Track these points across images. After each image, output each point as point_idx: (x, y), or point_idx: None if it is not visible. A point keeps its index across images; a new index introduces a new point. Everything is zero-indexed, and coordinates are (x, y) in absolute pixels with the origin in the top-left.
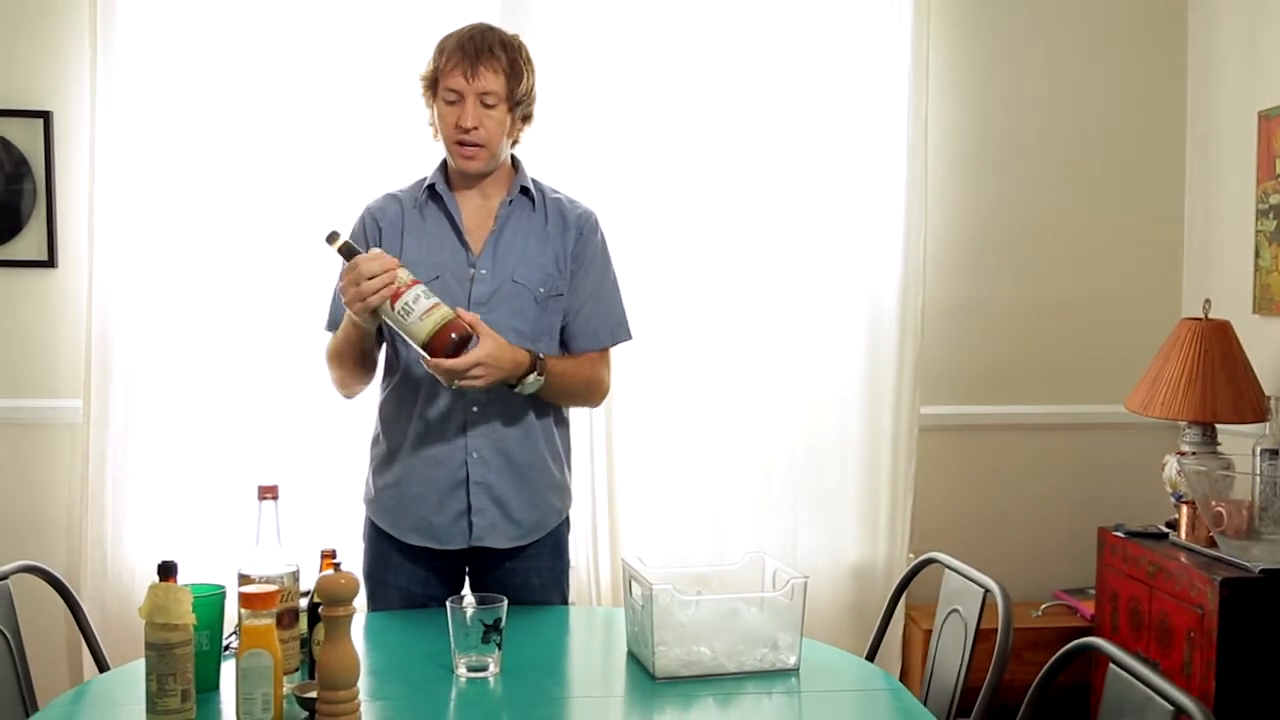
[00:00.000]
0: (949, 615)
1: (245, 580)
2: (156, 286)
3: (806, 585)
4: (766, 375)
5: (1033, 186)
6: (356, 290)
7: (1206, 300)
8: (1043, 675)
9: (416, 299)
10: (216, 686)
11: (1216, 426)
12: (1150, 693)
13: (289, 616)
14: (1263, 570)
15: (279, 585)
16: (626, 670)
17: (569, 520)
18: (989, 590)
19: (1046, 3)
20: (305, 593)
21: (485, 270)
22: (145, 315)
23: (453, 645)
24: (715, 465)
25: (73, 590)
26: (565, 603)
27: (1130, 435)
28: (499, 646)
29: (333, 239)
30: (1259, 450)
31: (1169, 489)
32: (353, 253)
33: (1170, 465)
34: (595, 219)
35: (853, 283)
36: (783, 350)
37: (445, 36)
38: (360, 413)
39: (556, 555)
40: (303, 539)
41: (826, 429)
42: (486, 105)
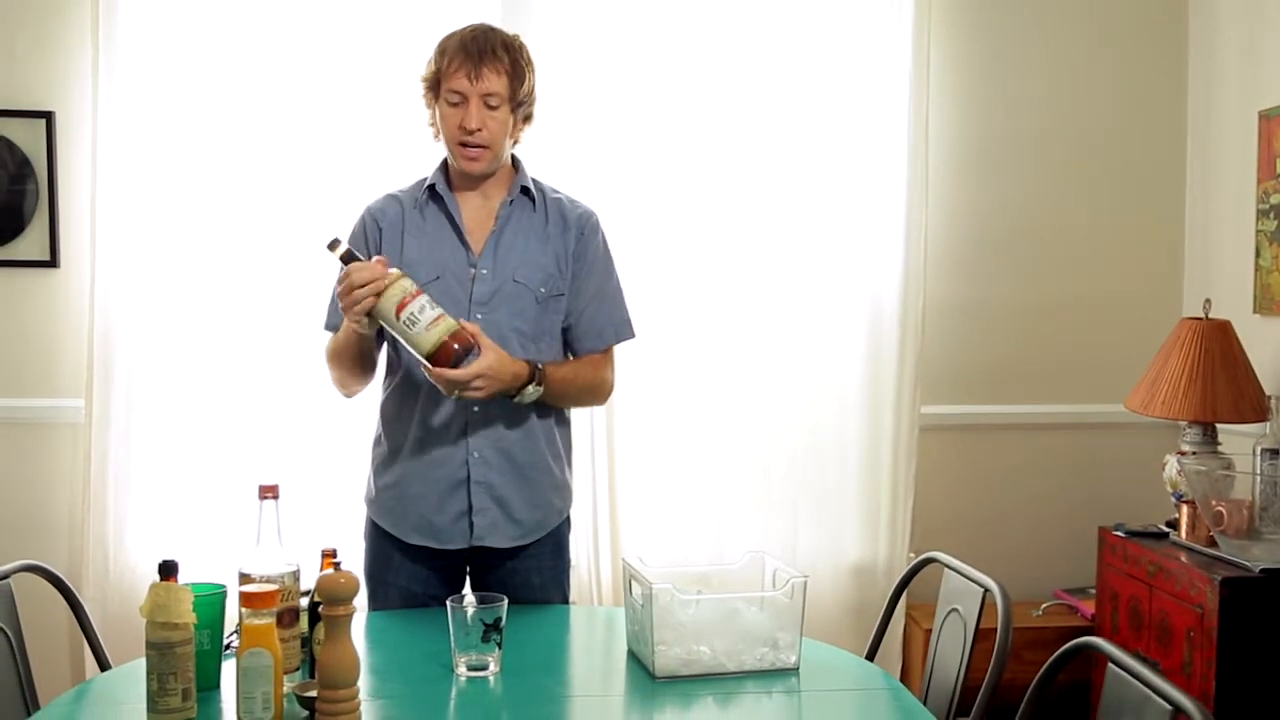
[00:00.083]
0: (949, 615)
1: (246, 579)
2: (158, 286)
3: (806, 585)
4: (767, 375)
5: (1033, 186)
6: (349, 298)
7: (1207, 300)
8: (1042, 675)
9: (422, 309)
10: (217, 685)
11: (1217, 426)
12: (1149, 692)
13: (289, 616)
14: (1263, 570)
15: (279, 584)
16: (626, 669)
17: (570, 520)
18: (988, 590)
19: (1047, 3)
20: (306, 592)
21: (486, 270)
22: (147, 315)
23: (453, 644)
24: (716, 465)
25: (75, 589)
26: (566, 602)
27: (1131, 435)
28: (499, 646)
29: (334, 246)
30: (1259, 450)
31: (1169, 488)
32: (353, 259)
33: (1170, 465)
34: (596, 219)
35: (853, 282)
36: (783, 350)
37: (446, 37)
38: (361, 413)
39: (557, 555)
40: (303, 538)
41: (827, 428)
42: (490, 106)
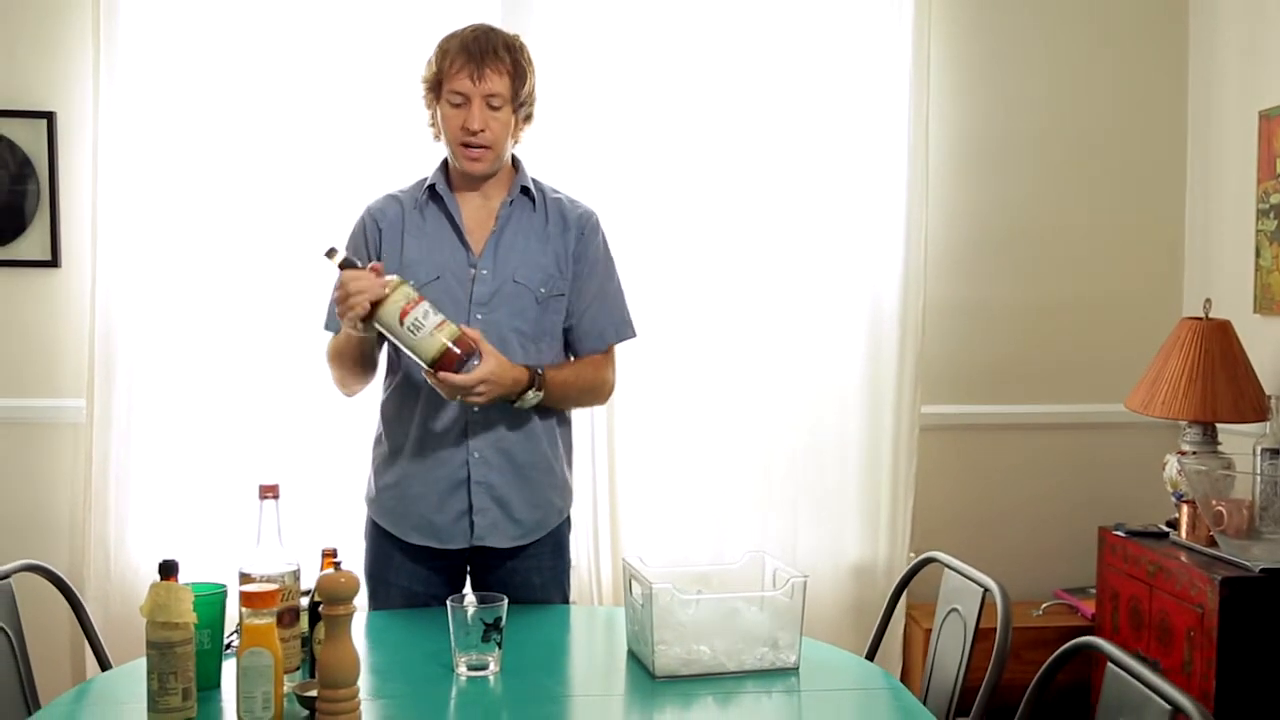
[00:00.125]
0: (948, 614)
1: (246, 579)
2: (159, 286)
3: (806, 584)
4: (767, 374)
5: (1034, 186)
6: (345, 305)
7: (1207, 300)
8: (1041, 674)
9: (425, 315)
10: (217, 685)
11: (1217, 426)
12: (1148, 692)
13: (290, 615)
14: (1263, 569)
15: (280, 584)
16: (626, 669)
17: (570, 519)
18: (988, 589)
19: (1047, 3)
20: (306, 592)
21: (486, 270)
22: (148, 315)
23: (453, 644)
24: (716, 464)
25: (76, 589)
26: (566, 602)
27: (1131, 435)
28: (499, 645)
29: (331, 254)
30: (1259, 450)
31: (1169, 488)
32: (351, 267)
33: (1171, 464)
34: (596, 219)
35: (854, 282)
36: (783, 350)
37: (447, 38)
38: (361, 412)
39: (557, 554)
40: (303, 538)
41: (827, 428)
42: (492, 107)
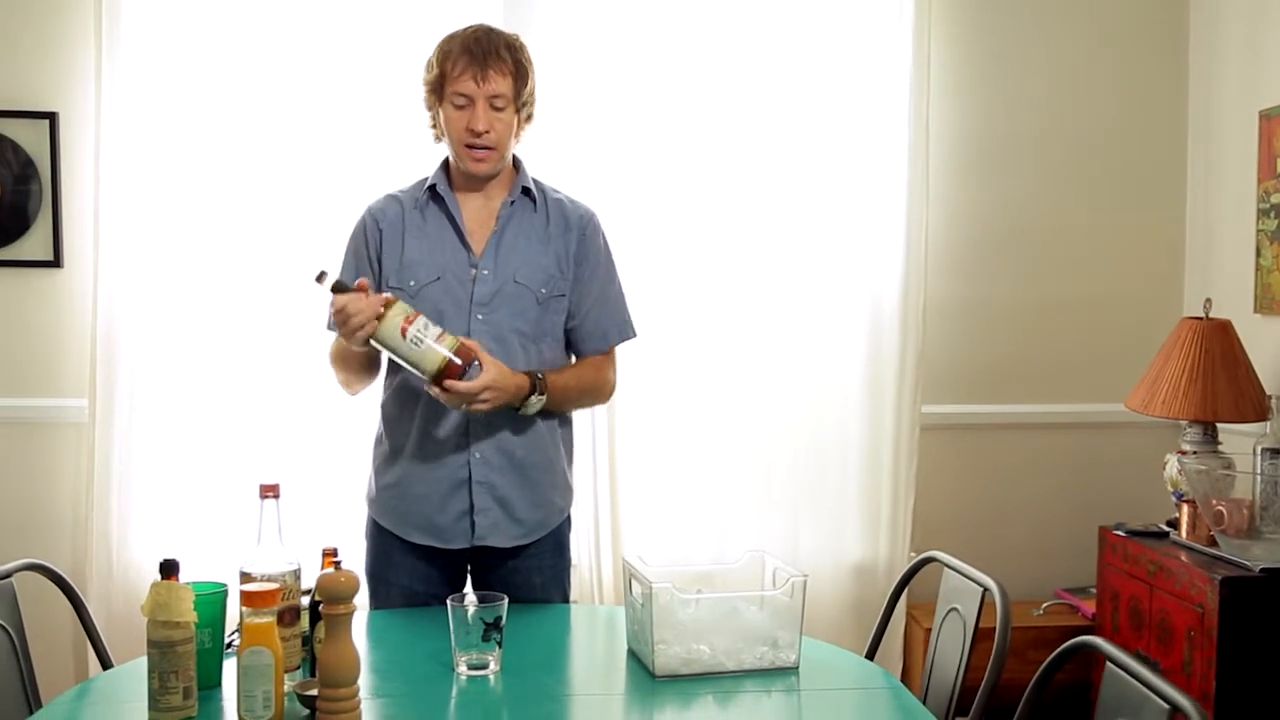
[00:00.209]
0: (948, 614)
1: (247, 578)
2: (161, 286)
3: (806, 584)
4: (768, 374)
5: (1034, 186)
6: (347, 328)
7: (1207, 299)
8: (1040, 674)
9: (425, 328)
10: (218, 684)
11: (1217, 425)
12: (1147, 692)
13: (290, 614)
14: (1263, 569)
15: (280, 583)
16: (627, 668)
17: (570, 519)
18: (987, 589)
19: (1047, 3)
20: (306, 591)
21: (487, 271)
22: (150, 315)
23: (453, 643)
24: (717, 464)
25: (79, 588)
26: (566, 601)
27: (1131, 434)
28: (499, 645)
29: (321, 278)
30: (1260, 449)
31: (1170, 488)
32: (343, 290)
33: (1171, 464)
34: (597, 220)
35: (854, 282)
36: (784, 349)
37: (447, 39)
38: (361, 412)
39: (558, 554)
40: (304, 537)
41: (828, 428)
42: (496, 108)
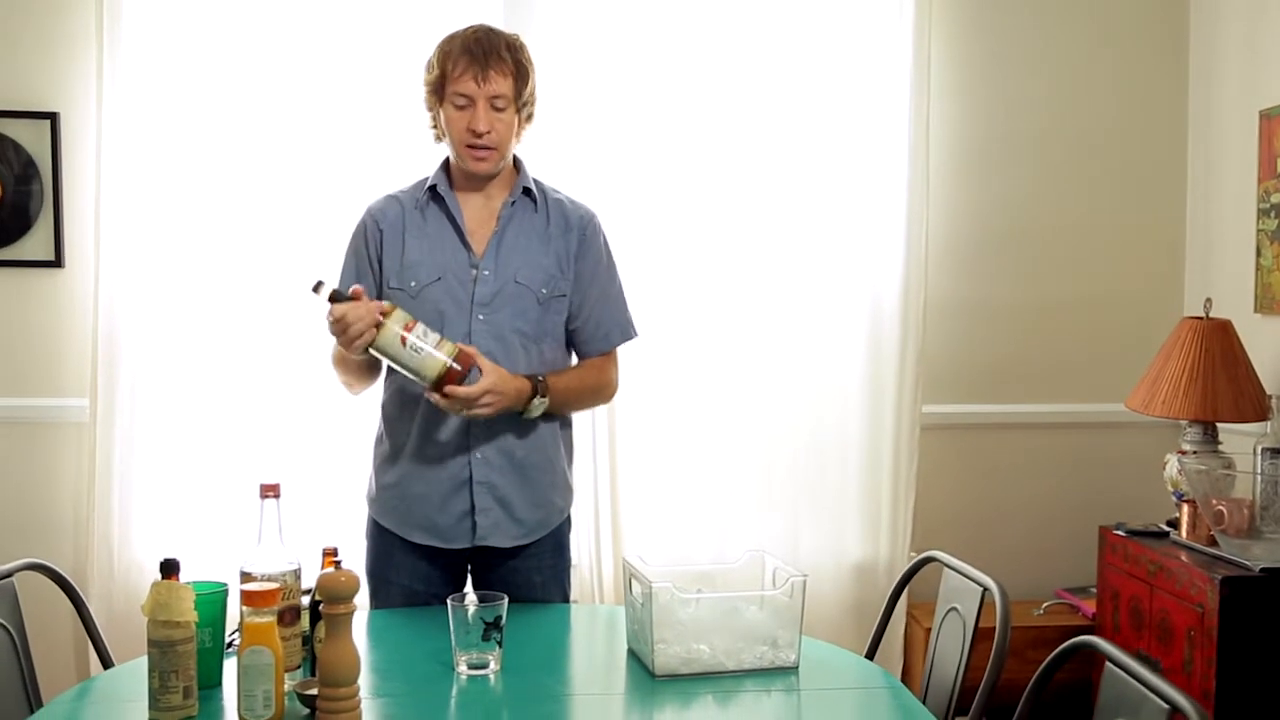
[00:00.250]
0: (948, 614)
1: (247, 578)
2: (162, 286)
3: (806, 583)
4: (768, 374)
5: (1034, 186)
6: (346, 338)
7: (1208, 299)
8: (1039, 674)
9: (424, 334)
10: (219, 683)
11: (1217, 425)
12: (1146, 692)
13: (290, 614)
14: (1263, 569)
15: (281, 583)
16: (627, 668)
17: (571, 519)
18: (987, 589)
19: (1047, 3)
20: (307, 590)
21: (488, 271)
22: (151, 315)
23: (454, 643)
24: (717, 464)
25: (80, 588)
26: (566, 601)
27: (1131, 434)
28: (499, 644)
29: (318, 288)
30: (1260, 449)
31: (1170, 488)
32: (340, 299)
33: (1171, 464)
34: (597, 220)
35: (854, 282)
36: (784, 349)
37: (447, 39)
38: (362, 411)
39: (558, 553)
40: (304, 537)
41: (828, 427)
42: (496, 108)
